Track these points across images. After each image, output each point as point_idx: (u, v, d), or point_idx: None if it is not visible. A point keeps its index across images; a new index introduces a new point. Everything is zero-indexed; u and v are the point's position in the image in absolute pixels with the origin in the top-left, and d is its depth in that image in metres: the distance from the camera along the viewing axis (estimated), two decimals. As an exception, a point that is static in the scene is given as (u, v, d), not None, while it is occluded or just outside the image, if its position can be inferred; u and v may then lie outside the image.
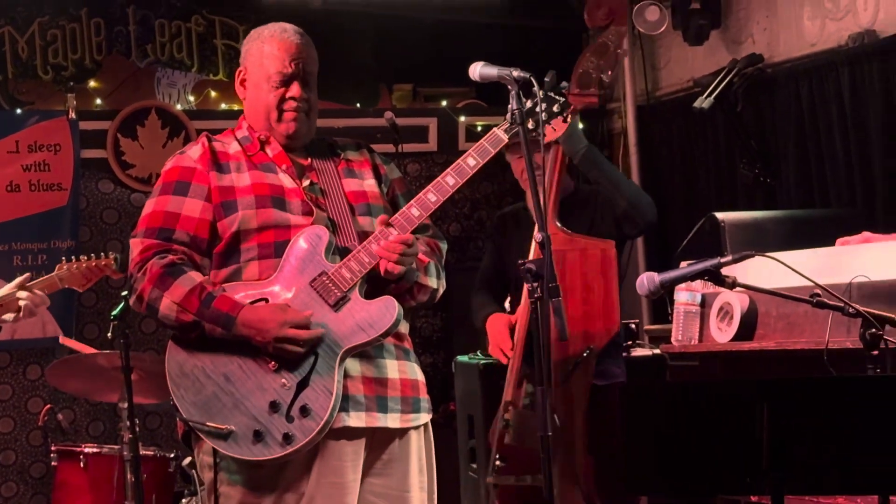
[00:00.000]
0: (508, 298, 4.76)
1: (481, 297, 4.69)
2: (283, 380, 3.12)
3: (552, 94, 3.33)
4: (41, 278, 3.82)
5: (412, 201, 3.25)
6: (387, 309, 3.17)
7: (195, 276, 3.17)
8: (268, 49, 3.29)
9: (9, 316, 3.65)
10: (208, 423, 3.12)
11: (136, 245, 3.23)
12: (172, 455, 5.19)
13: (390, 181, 3.43)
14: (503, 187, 7.07)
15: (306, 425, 3.08)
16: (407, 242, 3.16)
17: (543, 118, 3.31)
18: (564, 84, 3.34)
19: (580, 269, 4.09)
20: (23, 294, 3.65)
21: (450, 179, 3.23)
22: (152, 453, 5.22)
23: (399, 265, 3.16)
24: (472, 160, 3.26)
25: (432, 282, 3.34)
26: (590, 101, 4.21)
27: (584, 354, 4.06)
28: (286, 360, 3.12)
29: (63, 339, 5.40)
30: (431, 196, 3.23)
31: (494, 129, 3.32)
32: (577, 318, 4.05)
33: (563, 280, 4.01)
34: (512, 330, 4.37)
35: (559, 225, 4.17)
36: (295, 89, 3.26)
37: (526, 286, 3.25)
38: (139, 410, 4.89)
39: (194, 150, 3.30)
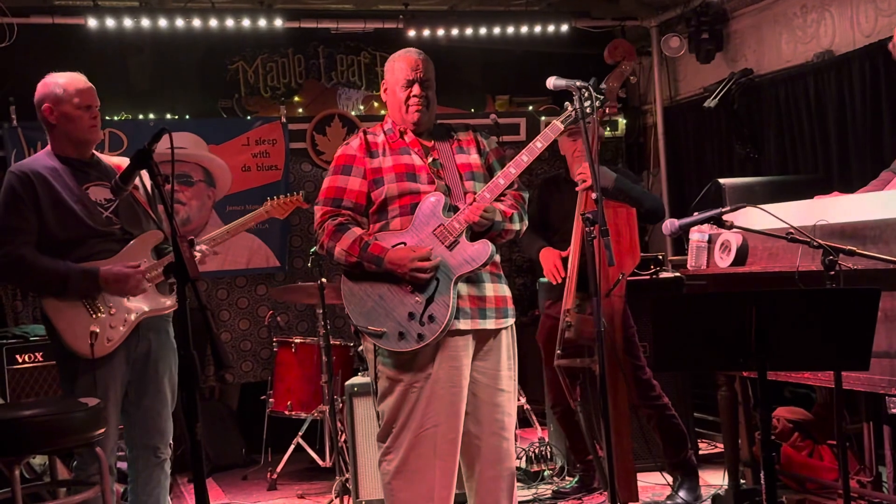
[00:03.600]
0: None
1: (531, 234, 4.31)
2: (417, 298, 3.10)
3: (596, 93, 3.29)
4: (254, 212, 3.88)
5: (499, 174, 3.20)
6: (484, 248, 3.14)
7: (356, 231, 3.17)
8: (398, 65, 3.24)
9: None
10: (369, 327, 3.13)
11: (318, 210, 3.23)
12: (352, 344, 5.25)
13: (487, 152, 3.33)
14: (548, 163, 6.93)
15: (433, 328, 3.08)
16: (485, 209, 3.13)
17: (597, 105, 3.29)
18: (603, 86, 3.26)
19: (613, 220, 4.03)
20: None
21: (525, 157, 3.19)
22: (339, 343, 5.29)
23: (483, 221, 3.13)
24: (539, 143, 3.22)
25: (515, 226, 3.27)
26: (613, 109, 4.22)
27: (619, 278, 4.00)
28: (418, 284, 3.10)
29: None
30: (512, 169, 3.19)
31: (554, 121, 3.29)
32: (613, 254, 4.00)
33: (602, 227, 4.08)
34: (564, 261, 4.28)
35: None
36: (416, 89, 3.20)
37: (580, 228, 3.16)
38: (330, 313, 4.94)
39: (355, 142, 3.26)
